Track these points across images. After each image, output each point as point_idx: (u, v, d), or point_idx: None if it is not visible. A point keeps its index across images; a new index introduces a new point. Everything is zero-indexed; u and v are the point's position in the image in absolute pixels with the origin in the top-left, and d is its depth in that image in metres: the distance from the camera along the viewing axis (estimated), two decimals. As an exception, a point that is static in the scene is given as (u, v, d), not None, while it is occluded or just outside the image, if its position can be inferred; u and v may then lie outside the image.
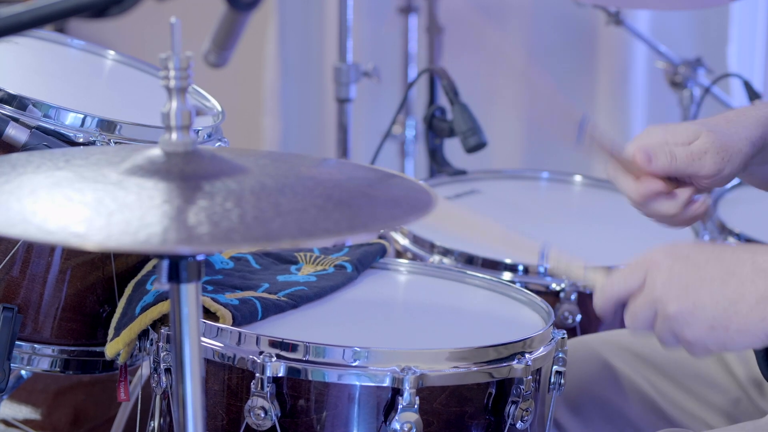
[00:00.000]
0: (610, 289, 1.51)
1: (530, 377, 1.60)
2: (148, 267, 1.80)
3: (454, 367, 1.56)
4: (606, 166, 1.73)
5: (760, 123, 1.68)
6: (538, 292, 1.83)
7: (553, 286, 2.10)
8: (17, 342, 1.76)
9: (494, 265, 2.13)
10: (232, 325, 1.62)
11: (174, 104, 1.29)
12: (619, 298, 1.51)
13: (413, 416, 1.53)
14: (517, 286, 1.84)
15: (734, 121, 1.70)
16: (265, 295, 1.72)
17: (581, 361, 1.87)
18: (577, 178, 2.59)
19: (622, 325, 1.69)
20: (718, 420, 1.83)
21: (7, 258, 1.74)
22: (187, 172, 1.28)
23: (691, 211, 1.70)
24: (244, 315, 1.65)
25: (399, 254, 2.24)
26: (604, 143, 1.70)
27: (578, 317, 2.08)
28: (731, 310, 1.42)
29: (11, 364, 1.73)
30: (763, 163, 1.71)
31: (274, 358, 1.54)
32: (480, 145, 2.45)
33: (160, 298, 1.67)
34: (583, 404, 1.87)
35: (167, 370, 1.63)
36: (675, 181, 1.69)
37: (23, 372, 2.27)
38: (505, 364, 1.59)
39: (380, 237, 1.95)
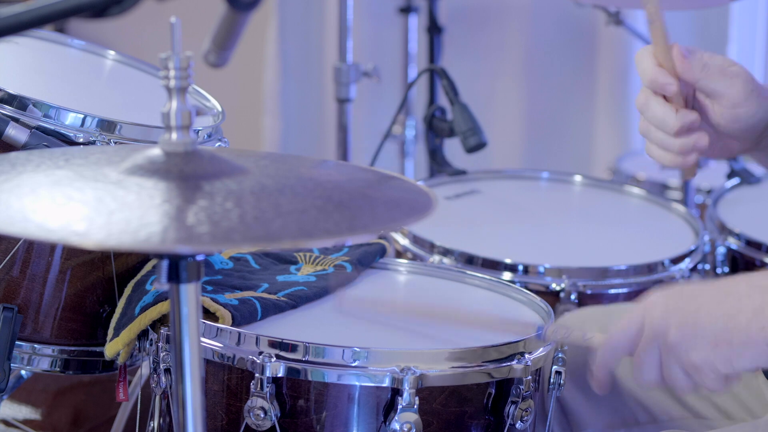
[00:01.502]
0: (611, 341, 1.51)
1: (530, 377, 1.60)
2: (148, 267, 1.80)
3: (454, 367, 1.56)
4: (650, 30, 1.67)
5: None
6: (537, 292, 1.83)
7: (553, 286, 2.10)
8: (17, 342, 1.76)
9: (494, 265, 2.13)
10: (231, 326, 1.62)
11: (174, 104, 1.29)
12: (622, 348, 1.50)
13: (413, 416, 1.53)
14: (517, 286, 1.84)
15: None
16: (265, 295, 1.72)
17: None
18: (577, 178, 2.59)
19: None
20: (723, 396, 1.82)
21: (7, 258, 1.74)
22: (186, 172, 1.28)
23: (688, 142, 1.63)
24: (243, 315, 1.65)
25: (399, 254, 2.24)
26: (659, 17, 1.66)
27: (578, 317, 2.08)
28: (731, 325, 1.43)
29: (11, 364, 1.73)
30: None
31: (274, 359, 1.54)
32: (480, 145, 2.45)
33: (160, 298, 1.67)
34: (584, 375, 1.86)
35: (167, 371, 1.63)
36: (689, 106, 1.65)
37: (23, 372, 2.26)
38: (504, 365, 1.59)
39: (380, 237, 1.95)
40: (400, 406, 1.53)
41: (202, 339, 1.58)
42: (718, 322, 1.43)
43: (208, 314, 1.64)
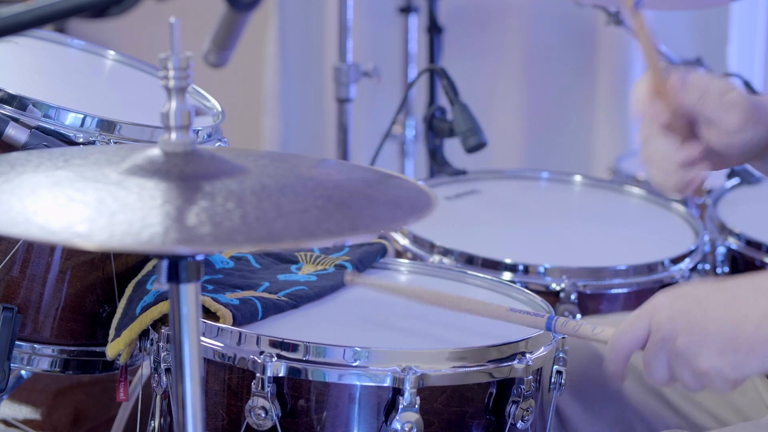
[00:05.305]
0: (618, 342, 1.51)
1: (531, 377, 1.60)
2: (149, 267, 1.80)
3: (455, 367, 1.56)
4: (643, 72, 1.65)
5: None
6: (538, 292, 1.83)
7: (553, 286, 2.10)
8: (17, 342, 1.76)
9: (494, 265, 2.13)
10: (232, 325, 1.62)
11: (173, 104, 1.29)
12: (629, 349, 1.50)
13: (414, 416, 1.53)
14: (518, 286, 1.84)
15: None
16: (266, 294, 1.71)
17: (583, 344, 1.86)
18: (577, 178, 2.59)
19: None
20: (721, 407, 1.83)
21: (7, 258, 1.74)
22: (187, 173, 1.27)
23: (689, 176, 1.61)
24: (244, 315, 1.65)
25: (399, 254, 2.23)
26: (653, 48, 1.64)
27: (578, 317, 2.08)
28: (737, 332, 1.43)
29: (11, 364, 1.73)
30: None
31: (275, 358, 1.54)
32: (480, 145, 2.45)
33: (161, 297, 1.67)
34: (583, 386, 1.86)
35: (167, 370, 1.63)
36: (691, 132, 1.64)
37: (23, 372, 2.26)
38: (505, 364, 1.59)
39: (380, 237, 1.95)
40: (401, 406, 1.53)
41: (203, 339, 1.58)
42: (725, 329, 1.43)
43: (208, 314, 1.64)
